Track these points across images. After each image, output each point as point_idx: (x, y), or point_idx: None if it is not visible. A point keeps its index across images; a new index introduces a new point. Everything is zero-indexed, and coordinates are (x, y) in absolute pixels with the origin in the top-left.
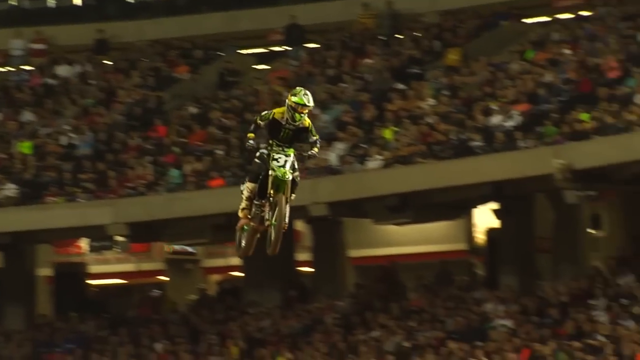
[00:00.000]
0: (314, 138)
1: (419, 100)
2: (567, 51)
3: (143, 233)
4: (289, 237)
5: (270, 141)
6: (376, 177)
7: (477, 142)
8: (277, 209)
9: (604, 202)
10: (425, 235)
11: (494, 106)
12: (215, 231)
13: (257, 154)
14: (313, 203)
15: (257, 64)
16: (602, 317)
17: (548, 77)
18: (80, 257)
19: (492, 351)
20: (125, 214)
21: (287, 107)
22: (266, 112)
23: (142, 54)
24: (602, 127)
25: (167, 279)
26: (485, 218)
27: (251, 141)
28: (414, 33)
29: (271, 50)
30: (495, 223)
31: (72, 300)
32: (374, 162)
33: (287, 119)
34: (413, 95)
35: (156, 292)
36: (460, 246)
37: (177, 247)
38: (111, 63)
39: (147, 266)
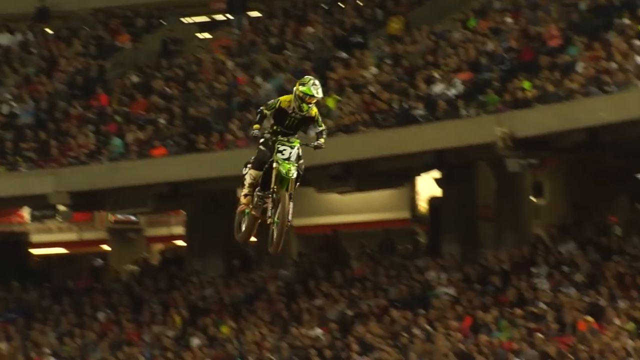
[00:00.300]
0: (320, 128)
1: (361, 69)
2: (509, 20)
3: (85, 202)
4: (232, 206)
5: (275, 127)
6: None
7: (419, 111)
8: (280, 206)
9: (545, 170)
10: (368, 204)
11: (436, 75)
12: (158, 200)
13: (261, 140)
14: None
15: (199, 33)
16: (543, 284)
17: (490, 46)
18: (22, 227)
19: (435, 319)
20: (67, 183)
21: (295, 96)
22: (272, 100)
23: (83, 23)
24: (544, 95)
25: (110, 248)
26: (427, 186)
27: (256, 131)
28: (357, 1)
29: (214, 19)
30: (438, 191)
31: (14, 269)
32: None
33: (293, 108)
34: (355, 64)
35: (99, 262)
36: (403, 214)
37: (119, 216)
38: (52, 32)
39: (89, 235)
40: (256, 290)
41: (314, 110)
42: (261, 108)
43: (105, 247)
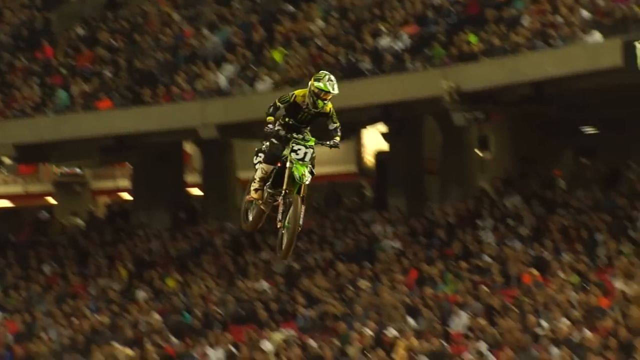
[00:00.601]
0: (335, 125)
1: (308, 22)
2: None
3: (30, 155)
4: (178, 159)
5: (287, 119)
6: (266, 99)
7: (366, 64)
8: (291, 210)
9: (491, 124)
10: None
11: (383, 28)
12: (104, 153)
13: (268, 127)
14: (202, 125)
15: None
16: (488, 237)
17: None
18: None
19: (381, 272)
20: (12, 136)
21: (309, 92)
22: (287, 94)
23: None
24: (490, 49)
25: (55, 201)
26: (374, 140)
27: (270, 125)
28: None
29: None
30: (384, 145)
31: None
32: (264, 84)
33: (307, 104)
34: (302, 17)
35: (44, 214)
36: (349, 168)
37: (65, 169)
38: None
39: (34, 188)
40: (202, 243)
41: (329, 106)
42: (274, 100)
43: (51, 200)
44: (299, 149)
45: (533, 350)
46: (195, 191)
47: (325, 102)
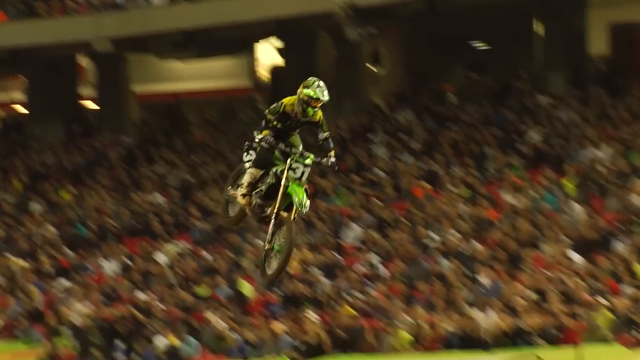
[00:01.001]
0: (325, 134)
1: None
2: None
3: None
4: (72, 72)
5: (275, 123)
6: (160, 13)
7: None
8: (285, 232)
9: (384, 39)
10: (210, 72)
11: None
12: None
13: (261, 136)
14: (97, 38)
15: None
16: (381, 151)
17: None
18: None
19: None
20: None
21: (299, 100)
22: (275, 105)
23: None
24: None
25: None
26: (268, 55)
27: (269, 137)
28: None
29: None
30: (279, 60)
31: None
32: None
33: (297, 112)
34: None
35: None
36: (244, 83)
37: None
38: None
39: None
40: (97, 156)
41: (319, 114)
42: (265, 112)
43: None
44: (297, 168)
45: (423, 262)
46: (90, 104)
47: (316, 109)
